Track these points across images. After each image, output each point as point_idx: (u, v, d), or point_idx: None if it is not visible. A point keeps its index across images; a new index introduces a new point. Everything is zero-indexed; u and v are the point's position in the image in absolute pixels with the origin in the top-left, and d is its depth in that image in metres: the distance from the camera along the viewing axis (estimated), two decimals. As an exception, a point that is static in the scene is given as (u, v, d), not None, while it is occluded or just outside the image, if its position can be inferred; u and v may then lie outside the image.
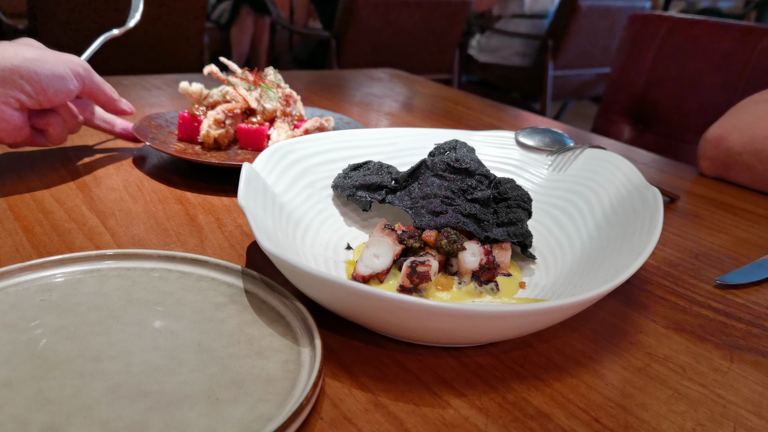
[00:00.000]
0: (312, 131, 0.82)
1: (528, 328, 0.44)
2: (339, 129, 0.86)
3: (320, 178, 0.64)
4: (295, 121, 0.84)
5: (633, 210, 0.56)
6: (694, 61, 1.45)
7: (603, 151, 0.69)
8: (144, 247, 0.58)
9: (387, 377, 0.43)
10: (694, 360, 0.47)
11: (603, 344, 0.49)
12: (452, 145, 0.64)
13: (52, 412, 0.35)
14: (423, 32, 2.95)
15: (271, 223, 0.53)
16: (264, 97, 0.82)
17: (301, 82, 1.39)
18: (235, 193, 0.67)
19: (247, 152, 0.79)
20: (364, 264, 0.52)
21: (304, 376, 0.39)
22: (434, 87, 1.46)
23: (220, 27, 3.76)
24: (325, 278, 0.40)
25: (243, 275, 0.49)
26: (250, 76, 0.86)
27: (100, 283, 0.48)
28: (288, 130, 0.80)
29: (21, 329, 0.42)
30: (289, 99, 0.85)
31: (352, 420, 0.38)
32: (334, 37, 2.88)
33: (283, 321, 0.45)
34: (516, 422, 0.40)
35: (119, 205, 0.66)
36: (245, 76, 0.85)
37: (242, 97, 0.82)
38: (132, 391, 0.37)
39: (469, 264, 0.52)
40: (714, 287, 0.59)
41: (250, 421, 0.36)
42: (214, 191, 0.72)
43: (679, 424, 0.40)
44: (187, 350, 0.42)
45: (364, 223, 0.63)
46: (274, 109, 0.81)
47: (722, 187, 0.90)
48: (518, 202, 0.58)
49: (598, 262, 0.52)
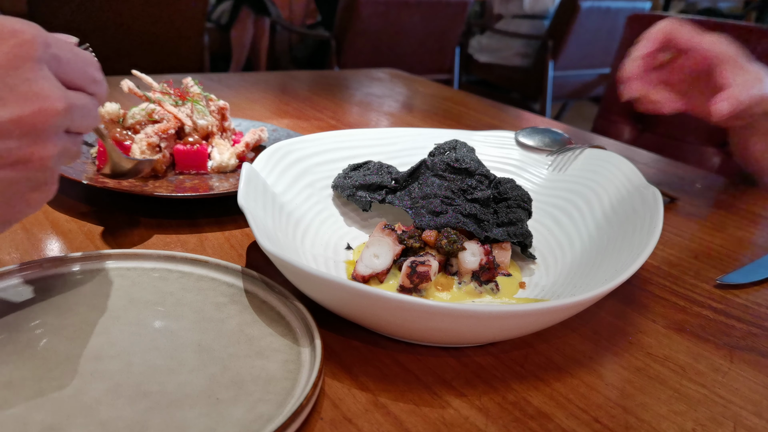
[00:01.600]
0: (252, 145, 0.77)
1: (528, 328, 0.44)
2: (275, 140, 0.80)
3: (320, 178, 0.64)
4: (232, 135, 0.78)
5: (633, 210, 0.56)
6: (694, 61, 1.44)
7: (603, 151, 0.69)
8: (144, 247, 0.58)
9: (387, 377, 0.43)
10: (694, 360, 0.47)
11: (603, 344, 0.49)
12: (452, 145, 0.64)
13: (52, 412, 0.35)
14: (423, 32, 2.95)
15: (271, 223, 0.53)
16: (195, 113, 0.73)
17: (301, 82, 1.39)
18: (234, 194, 0.67)
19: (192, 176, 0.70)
20: (364, 264, 0.52)
21: (304, 376, 0.39)
22: (434, 87, 1.46)
23: (220, 27, 3.75)
24: (325, 278, 0.40)
25: (243, 275, 0.49)
26: (171, 90, 0.76)
27: (100, 283, 0.48)
28: (229, 147, 0.73)
29: (21, 329, 0.42)
30: (224, 112, 0.76)
31: (352, 420, 0.38)
32: (334, 37, 2.88)
33: (283, 321, 0.45)
34: (516, 422, 0.40)
35: (119, 205, 0.66)
36: (166, 90, 0.76)
37: (172, 114, 0.72)
38: (132, 391, 0.37)
39: (469, 264, 0.52)
40: (714, 287, 0.59)
41: (250, 421, 0.36)
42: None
43: (679, 424, 0.40)
44: (187, 350, 0.42)
45: (364, 223, 0.63)
46: (208, 125, 0.73)
47: (723, 187, 0.90)
48: (518, 202, 0.58)
49: (598, 262, 0.52)
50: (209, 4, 3.45)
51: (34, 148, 0.36)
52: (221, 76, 1.37)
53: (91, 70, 0.41)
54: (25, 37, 0.35)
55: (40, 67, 0.36)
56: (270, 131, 0.84)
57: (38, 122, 0.36)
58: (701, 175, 0.94)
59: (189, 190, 0.65)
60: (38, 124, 0.36)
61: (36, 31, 0.36)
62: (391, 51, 2.91)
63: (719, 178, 0.95)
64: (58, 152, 0.38)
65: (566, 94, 3.62)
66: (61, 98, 0.37)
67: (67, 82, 0.38)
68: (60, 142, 0.38)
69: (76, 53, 0.40)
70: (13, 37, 0.35)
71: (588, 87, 3.63)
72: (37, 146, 0.36)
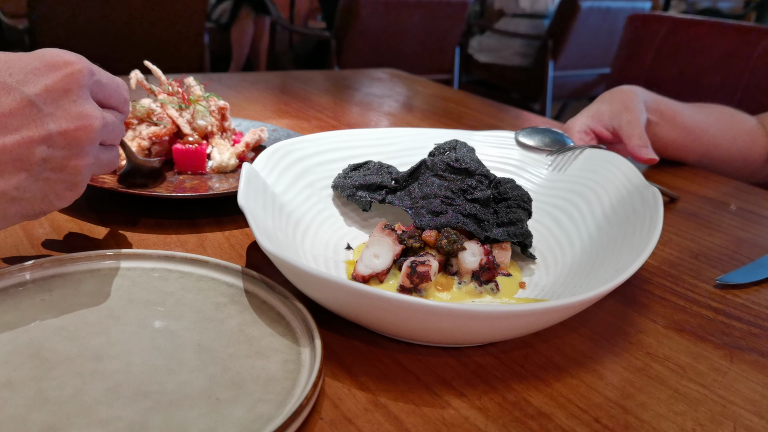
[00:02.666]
0: (252, 145, 0.77)
1: (528, 328, 0.44)
2: (275, 140, 0.80)
3: (320, 178, 0.64)
4: (232, 135, 0.77)
5: (633, 210, 0.56)
6: (694, 61, 1.44)
7: (603, 151, 0.69)
8: (144, 247, 0.58)
9: (387, 377, 0.43)
10: (694, 360, 0.47)
11: (603, 344, 0.49)
12: (452, 145, 0.64)
13: (52, 412, 0.35)
14: (423, 32, 2.95)
15: (271, 223, 0.53)
16: (195, 114, 0.73)
17: (301, 82, 1.39)
18: (234, 195, 0.67)
19: (192, 176, 0.70)
20: (364, 264, 0.52)
21: (304, 376, 0.39)
22: (434, 87, 1.46)
23: (220, 27, 3.75)
24: (325, 278, 0.40)
25: (243, 275, 0.49)
26: (180, 89, 0.76)
27: (100, 283, 0.48)
28: (229, 147, 0.73)
29: (21, 329, 0.42)
30: (224, 112, 0.76)
31: (352, 420, 0.38)
32: (334, 37, 2.88)
33: (283, 321, 0.45)
34: (516, 422, 0.40)
35: (119, 205, 0.66)
36: (174, 89, 0.76)
37: (172, 119, 0.72)
38: (132, 391, 0.37)
39: (469, 264, 0.52)
40: (714, 287, 0.59)
41: (250, 421, 0.36)
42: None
43: (679, 424, 0.40)
44: (187, 350, 0.42)
45: (364, 223, 0.63)
46: (206, 125, 0.73)
47: (722, 186, 0.90)
48: (518, 202, 0.58)
49: (598, 262, 0.52)
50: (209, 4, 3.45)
51: (75, 157, 0.44)
52: (221, 76, 1.37)
53: (123, 92, 0.49)
54: (76, 68, 0.43)
55: (85, 92, 0.44)
56: (270, 131, 0.84)
57: (80, 137, 0.44)
58: (701, 176, 0.94)
59: (189, 190, 0.65)
60: (80, 138, 0.44)
61: (85, 63, 0.44)
62: (391, 51, 2.91)
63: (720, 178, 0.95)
64: (91, 161, 0.46)
65: (566, 94, 3.62)
66: (99, 118, 0.45)
67: (104, 102, 0.48)
68: (94, 153, 0.46)
69: (112, 79, 0.48)
70: (68, 67, 0.43)
71: (588, 87, 3.63)
72: (77, 156, 0.44)
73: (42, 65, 0.43)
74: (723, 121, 0.98)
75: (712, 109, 0.98)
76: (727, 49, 1.39)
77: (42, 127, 0.42)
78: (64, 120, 0.43)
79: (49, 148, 0.43)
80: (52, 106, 0.43)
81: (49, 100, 0.42)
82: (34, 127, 0.42)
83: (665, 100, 0.91)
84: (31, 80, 0.42)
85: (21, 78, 0.42)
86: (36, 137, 0.42)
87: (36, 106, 0.42)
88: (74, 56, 0.44)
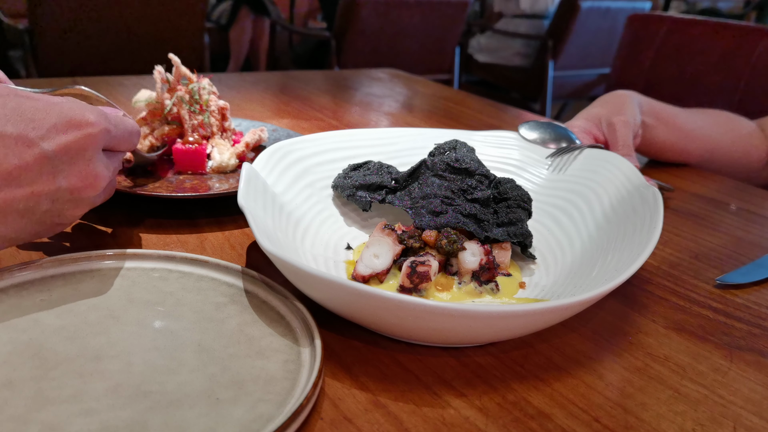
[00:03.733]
0: (252, 145, 0.77)
1: (528, 328, 0.44)
2: (275, 140, 0.79)
3: (320, 178, 0.64)
4: (232, 135, 0.77)
5: (633, 210, 0.56)
6: (694, 61, 1.44)
7: (603, 151, 0.69)
8: (144, 247, 0.58)
9: (387, 377, 0.43)
10: (694, 360, 0.47)
11: (603, 344, 0.49)
12: (452, 145, 0.64)
13: (52, 412, 0.35)
14: (423, 32, 2.95)
15: (271, 223, 0.53)
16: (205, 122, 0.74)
17: (301, 82, 1.39)
18: (234, 195, 0.67)
19: (192, 176, 0.70)
20: (364, 264, 0.52)
21: (304, 376, 0.39)
22: (434, 87, 1.46)
23: (220, 27, 3.76)
24: (325, 278, 0.40)
25: (243, 275, 0.49)
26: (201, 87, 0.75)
27: (100, 283, 0.48)
28: (229, 147, 0.73)
29: (21, 329, 0.42)
30: (224, 112, 0.76)
31: (352, 420, 0.38)
32: (334, 37, 2.88)
33: (283, 321, 0.45)
34: (516, 422, 0.40)
35: (119, 205, 0.66)
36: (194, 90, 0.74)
37: (183, 121, 0.73)
38: (132, 391, 0.37)
39: (469, 264, 0.52)
40: (714, 287, 0.59)
41: (250, 421, 0.36)
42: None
43: (679, 424, 0.40)
44: (187, 350, 0.42)
45: (364, 223, 0.63)
46: (209, 125, 0.74)
47: (722, 186, 0.90)
48: (518, 202, 0.58)
49: (598, 262, 0.52)
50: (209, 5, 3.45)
51: (75, 209, 0.47)
52: (221, 76, 1.37)
53: (133, 139, 0.52)
54: (95, 130, 0.45)
55: (98, 152, 0.46)
56: (270, 131, 0.84)
57: (85, 194, 0.46)
58: (701, 176, 0.94)
59: (189, 190, 0.65)
60: (84, 195, 0.46)
61: (103, 125, 0.46)
62: (391, 51, 2.92)
63: (720, 178, 0.95)
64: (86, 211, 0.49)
65: (566, 94, 3.62)
66: (107, 177, 0.48)
67: (114, 149, 0.50)
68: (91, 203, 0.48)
69: (128, 130, 0.51)
70: (87, 128, 0.45)
71: (588, 87, 3.64)
72: (76, 209, 0.47)
73: (63, 122, 0.44)
74: (721, 124, 0.98)
75: (710, 114, 0.99)
76: (727, 49, 1.39)
77: (52, 183, 0.44)
78: (75, 178, 0.45)
79: (54, 201, 0.45)
80: (66, 163, 0.44)
81: (65, 158, 0.44)
82: (46, 183, 0.43)
83: (661, 104, 0.91)
84: (52, 137, 0.43)
85: (42, 134, 0.43)
86: (45, 191, 0.44)
87: (51, 163, 0.43)
88: (94, 116, 0.45)
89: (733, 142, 0.97)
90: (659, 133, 0.89)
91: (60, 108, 0.44)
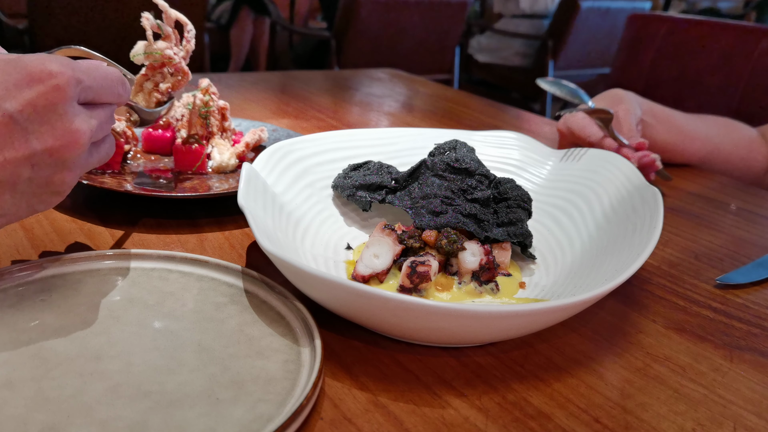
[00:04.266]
0: (252, 145, 0.77)
1: (528, 328, 0.44)
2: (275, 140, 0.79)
3: (320, 178, 0.64)
4: (232, 135, 0.77)
5: (633, 210, 0.56)
6: (694, 61, 1.44)
7: (603, 151, 0.69)
8: (144, 247, 0.58)
9: (387, 377, 0.43)
10: (694, 360, 0.47)
11: (603, 344, 0.49)
12: (452, 145, 0.64)
13: (52, 412, 0.35)
14: (423, 32, 2.95)
15: (271, 223, 0.53)
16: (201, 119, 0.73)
17: (301, 82, 1.39)
18: (234, 195, 0.67)
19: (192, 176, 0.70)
20: (364, 264, 0.52)
21: (304, 376, 0.39)
22: (434, 87, 1.46)
23: (220, 27, 3.76)
24: (325, 278, 0.40)
25: (243, 275, 0.49)
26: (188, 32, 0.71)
27: (100, 283, 0.48)
28: (229, 147, 0.73)
29: (21, 329, 0.42)
30: (224, 112, 0.76)
31: (352, 420, 0.38)
32: (334, 37, 2.88)
33: (283, 321, 0.45)
34: (516, 422, 0.40)
35: (119, 205, 0.66)
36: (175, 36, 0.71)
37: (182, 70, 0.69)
38: (132, 391, 0.37)
39: (469, 264, 0.52)
40: (714, 287, 0.59)
41: (250, 421, 0.36)
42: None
43: (679, 424, 0.40)
44: (187, 350, 0.42)
45: (364, 223, 0.63)
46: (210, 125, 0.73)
47: (722, 186, 0.90)
48: (518, 202, 0.58)
49: (598, 262, 0.52)
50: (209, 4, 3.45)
51: (61, 172, 0.42)
52: (221, 76, 1.37)
53: (115, 88, 0.46)
54: (61, 80, 0.40)
55: (71, 105, 0.41)
56: (270, 131, 0.84)
57: (67, 153, 0.41)
58: (701, 176, 0.94)
59: (189, 190, 0.65)
60: (67, 155, 0.41)
61: (70, 72, 0.41)
62: (391, 51, 2.91)
63: (720, 178, 0.95)
64: (79, 172, 0.44)
65: (566, 94, 3.61)
66: (87, 131, 0.42)
67: (95, 101, 0.44)
68: (82, 162, 0.44)
69: (104, 76, 0.45)
70: (51, 79, 0.40)
71: (588, 87, 3.63)
72: (63, 171, 0.42)
73: (23, 77, 0.39)
74: (722, 127, 0.98)
75: (710, 118, 0.99)
76: (727, 49, 1.39)
77: (26, 146, 0.39)
78: (50, 137, 0.40)
79: (34, 167, 0.40)
80: (36, 122, 0.40)
81: (32, 116, 0.39)
82: (18, 147, 0.39)
83: (659, 105, 0.92)
84: (13, 95, 0.39)
85: (2, 94, 0.38)
86: (20, 157, 0.39)
87: (18, 124, 0.39)
88: (58, 65, 0.40)
89: (734, 147, 0.97)
90: (658, 132, 0.90)
91: (18, 62, 0.39)
